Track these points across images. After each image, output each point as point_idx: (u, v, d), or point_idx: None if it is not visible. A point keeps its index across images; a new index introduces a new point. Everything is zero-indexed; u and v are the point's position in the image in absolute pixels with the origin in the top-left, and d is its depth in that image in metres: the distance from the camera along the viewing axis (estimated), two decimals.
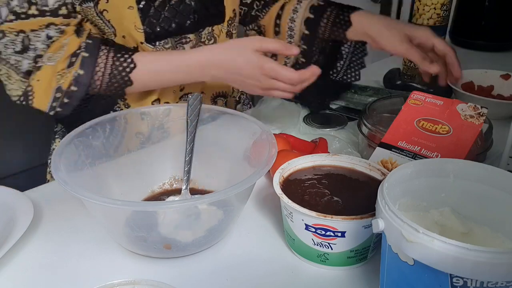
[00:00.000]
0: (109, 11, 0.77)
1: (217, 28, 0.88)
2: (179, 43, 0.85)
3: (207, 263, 0.58)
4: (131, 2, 0.76)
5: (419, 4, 1.02)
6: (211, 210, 0.59)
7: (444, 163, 0.52)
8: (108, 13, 0.77)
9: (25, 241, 0.61)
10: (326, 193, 0.58)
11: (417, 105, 0.65)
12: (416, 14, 1.03)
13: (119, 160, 0.67)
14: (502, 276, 0.38)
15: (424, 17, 1.02)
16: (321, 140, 0.77)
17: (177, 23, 0.82)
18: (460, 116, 0.63)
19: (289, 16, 0.93)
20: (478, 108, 0.65)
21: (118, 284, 0.46)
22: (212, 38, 0.89)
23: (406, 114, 0.66)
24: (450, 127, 0.64)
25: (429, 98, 0.66)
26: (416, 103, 0.66)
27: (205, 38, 0.87)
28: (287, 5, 0.95)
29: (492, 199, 0.49)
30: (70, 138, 0.62)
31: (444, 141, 0.64)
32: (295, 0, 0.94)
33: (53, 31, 0.73)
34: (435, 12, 1.01)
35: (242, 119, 0.68)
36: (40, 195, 0.69)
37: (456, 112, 0.64)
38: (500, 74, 1.03)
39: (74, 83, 0.72)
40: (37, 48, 0.72)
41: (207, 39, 0.88)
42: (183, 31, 0.83)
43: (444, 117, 0.63)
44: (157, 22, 0.79)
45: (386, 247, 0.45)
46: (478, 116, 0.64)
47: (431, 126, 0.65)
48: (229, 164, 0.68)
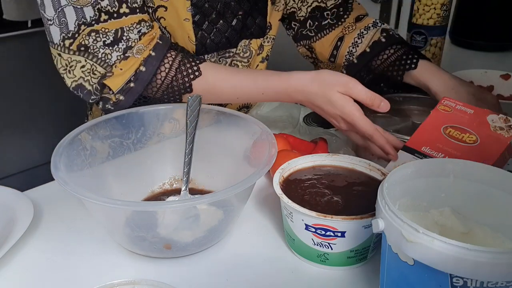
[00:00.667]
0: (166, 19, 0.78)
1: (254, 42, 0.89)
2: (222, 57, 0.86)
3: (207, 263, 0.58)
4: (187, 15, 0.78)
5: (419, 4, 1.02)
6: (211, 210, 0.59)
7: (444, 163, 0.52)
8: (165, 21, 0.78)
9: (25, 241, 0.61)
10: (326, 193, 0.58)
11: (446, 112, 0.64)
12: (416, 14, 1.04)
13: (119, 160, 0.67)
14: (502, 276, 0.38)
15: (424, 17, 1.02)
16: (321, 140, 0.77)
17: (227, 37, 0.83)
18: (489, 127, 0.61)
19: (348, 50, 0.91)
20: (509, 120, 0.62)
21: (118, 284, 0.46)
22: (248, 51, 0.90)
23: (434, 119, 0.64)
24: (477, 137, 0.62)
25: (460, 106, 0.64)
26: (446, 110, 0.64)
27: (240, 50, 0.88)
28: (346, 37, 0.91)
29: (492, 199, 0.49)
30: (70, 137, 0.62)
31: (469, 151, 0.61)
32: (355, 33, 0.90)
33: (144, 27, 0.73)
34: (435, 12, 1.01)
35: (242, 119, 0.68)
36: (40, 195, 0.69)
37: (486, 122, 0.62)
38: (500, 74, 1.03)
39: (144, 62, 0.72)
40: (130, 39, 0.71)
41: (243, 51, 0.88)
42: (230, 45, 0.85)
43: (473, 126, 0.61)
44: (209, 36, 0.81)
45: (386, 247, 0.45)
46: (508, 129, 0.61)
47: (458, 134, 0.63)
48: (229, 164, 0.68)
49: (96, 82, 0.71)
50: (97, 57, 0.70)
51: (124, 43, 0.71)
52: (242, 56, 0.89)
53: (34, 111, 1.87)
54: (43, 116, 1.89)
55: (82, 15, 0.68)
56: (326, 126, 0.89)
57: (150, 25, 0.74)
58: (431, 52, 1.05)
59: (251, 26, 0.87)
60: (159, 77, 0.73)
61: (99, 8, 0.69)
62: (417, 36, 1.05)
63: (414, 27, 1.04)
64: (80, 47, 0.70)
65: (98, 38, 0.70)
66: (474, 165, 0.51)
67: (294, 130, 0.87)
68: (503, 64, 1.14)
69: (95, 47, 0.70)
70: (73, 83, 0.72)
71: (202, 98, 0.68)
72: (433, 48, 1.04)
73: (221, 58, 0.86)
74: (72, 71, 0.71)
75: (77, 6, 0.68)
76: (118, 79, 0.71)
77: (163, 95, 0.75)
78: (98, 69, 0.71)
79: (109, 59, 0.70)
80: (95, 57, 0.70)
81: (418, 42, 1.05)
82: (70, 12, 0.68)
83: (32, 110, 1.87)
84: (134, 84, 0.72)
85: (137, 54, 0.72)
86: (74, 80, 0.72)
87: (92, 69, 0.71)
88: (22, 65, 1.79)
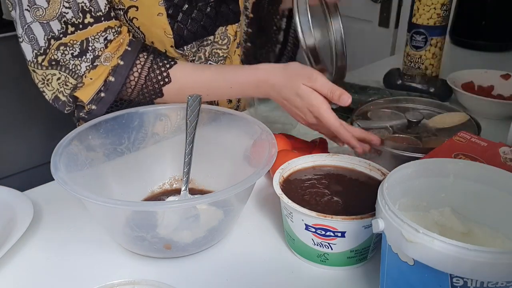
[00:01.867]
0: (138, 19, 0.78)
1: (231, 28, 0.90)
2: (201, 46, 0.86)
3: (207, 263, 0.58)
4: (160, 9, 0.77)
5: (419, 4, 1.02)
6: (211, 210, 0.59)
7: (444, 163, 0.52)
8: (138, 21, 0.78)
9: (25, 241, 0.61)
10: (326, 193, 0.58)
11: (461, 142, 0.65)
12: (416, 14, 1.04)
13: (119, 160, 0.67)
14: (502, 276, 0.38)
15: (424, 17, 1.02)
16: (321, 140, 0.77)
17: (203, 25, 0.83)
18: (500, 158, 0.61)
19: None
20: None
21: (118, 284, 0.46)
22: (225, 37, 0.90)
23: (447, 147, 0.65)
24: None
25: (475, 139, 0.65)
26: (460, 140, 0.65)
27: (218, 38, 0.88)
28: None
29: (492, 199, 0.49)
30: (70, 138, 0.62)
31: None
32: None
33: (111, 34, 0.73)
34: (435, 12, 1.01)
35: (242, 119, 0.68)
36: (40, 195, 0.69)
37: (498, 153, 0.62)
38: (500, 74, 1.03)
39: (104, 89, 0.73)
40: (96, 49, 0.72)
41: (221, 38, 0.89)
42: (207, 33, 0.85)
43: (485, 156, 0.61)
44: (185, 27, 0.81)
45: (386, 247, 0.45)
46: None
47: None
48: (229, 164, 0.68)
49: (68, 94, 0.73)
50: (69, 69, 0.72)
51: (91, 53, 0.72)
52: (221, 43, 0.90)
53: (34, 111, 1.87)
54: (43, 116, 1.89)
55: (50, 29, 0.69)
56: None
57: (117, 31, 0.74)
58: (431, 52, 1.05)
59: (225, 13, 0.88)
60: (129, 85, 0.75)
61: (65, 20, 0.69)
62: (417, 36, 1.05)
63: (414, 27, 1.04)
64: (51, 62, 0.71)
65: (66, 51, 0.71)
66: (474, 165, 0.51)
67: (294, 130, 0.87)
68: (503, 64, 1.14)
69: (65, 59, 0.71)
70: (52, 95, 0.74)
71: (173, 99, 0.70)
72: (433, 48, 1.04)
73: (200, 47, 0.86)
74: (50, 84, 0.73)
75: (43, 22, 0.69)
76: (88, 89, 0.73)
77: (136, 98, 0.76)
78: (70, 80, 0.72)
79: (79, 70, 0.72)
80: (67, 69, 0.72)
81: (418, 42, 1.05)
82: (37, 28, 0.69)
83: (32, 110, 1.87)
84: (105, 94, 0.73)
85: (105, 62, 0.72)
86: (52, 93, 0.74)
87: (65, 80, 0.72)
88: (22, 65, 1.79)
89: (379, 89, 1.04)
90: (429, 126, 0.80)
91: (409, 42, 1.06)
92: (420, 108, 0.86)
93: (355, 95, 1.00)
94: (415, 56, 1.06)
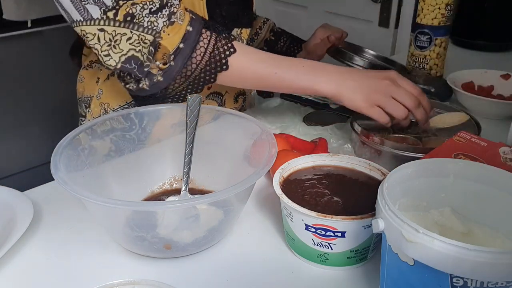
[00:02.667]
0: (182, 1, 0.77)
1: (245, 31, 0.91)
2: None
3: (207, 263, 0.58)
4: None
5: (423, 4, 1.02)
6: (211, 210, 0.59)
7: (444, 163, 0.52)
8: (182, 2, 0.77)
9: (25, 241, 0.61)
10: (326, 193, 0.58)
11: (461, 142, 0.65)
12: (421, 14, 1.03)
13: (119, 160, 0.67)
14: (502, 276, 0.38)
15: (429, 17, 1.02)
16: (321, 140, 0.77)
17: (237, 13, 0.85)
18: (500, 158, 0.61)
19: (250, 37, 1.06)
20: None
21: (118, 284, 0.46)
22: (239, 40, 0.90)
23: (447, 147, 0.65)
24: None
25: (475, 139, 0.65)
26: (460, 140, 0.65)
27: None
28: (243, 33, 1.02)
29: (492, 199, 0.49)
30: (70, 137, 0.62)
31: None
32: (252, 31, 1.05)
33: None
34: (440, 12, 1.01)
35: (242, 119, 0.68)
36: (40, 195, 0.69)
37: (498, 153, 0.62)
38: (500, 74, 1.03)
39: (183, 39, 0.71)
40: (173, 4, 0.71)
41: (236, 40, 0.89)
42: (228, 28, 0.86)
43: (484, 156, 0.61)
44: (217, 17, 0.82)
45: (386, 247, 0.45)
46: None
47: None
48: (229, 164, 0.68)
49: (147, 52, 0.70)
50: (143, 27, 0.69)
51: (168, 9, 0.71)
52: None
53: (34, 111, 1.88)
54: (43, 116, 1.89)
55: None
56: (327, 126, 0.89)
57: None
58: (436, 52, 1.04)
59: (242, 16, 0.89)
60: (198, 52, 0.72)
61: None
62: (422, 36, 1.05)
63: (419, 27, 1.04)
64: (126, 17, 0.68)
65: (146, 6, 0.69)
66: (474, 165, 0.51)
67: (294, 130, 0.87)
68: (503, 64, 1.13)
69: (140, 15, 0.69)
70: (122, 57, 0.70)
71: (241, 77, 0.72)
72: (437, 48, 1.04)
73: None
74: (118, 46, 0.70)
75: None
76: (171, 40, 0.71)
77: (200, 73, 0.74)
78: (147, 37, 0.70)
79: (156, 25, 0.70)
80: (141, 27, 0.69)
81: (423, 42, 1.05)
82: None
83: (32, 110, 1.87)
84: (184, 46, 0.71)
85: (180, 20, 0.72)
86: (122, 54, 0.70)
87: (141, 39, 0.70)
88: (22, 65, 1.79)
89: None
90: (429, 126, 0.80)
91: (414, 42, 1.06)
92: None
93: None
94: (420, 56, 1.06)
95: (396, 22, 1.90)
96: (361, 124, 0.78)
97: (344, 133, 0.86)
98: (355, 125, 0.78)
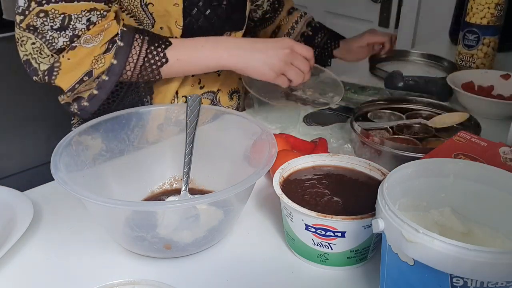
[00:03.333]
0: (154, 5, 0.78)
1: (235, 35, 0.91)
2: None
3: (207, 263, 0.58)
4: (177, 0, 0.78)
5: (473, 3, 1.02)
6: (211, 210, 0.59)
7: (444, 163, 0.52)
8: (153, 7, 0.78)
9: (25, 241, 0.61)
10: (326, 193, 0.58)
11: (461, 142, 0.65)
12: (470, 13, 1.03)
13: (119, 160, 0.67)
14: (502, 276, 0.38)
15: (478, 16, 1.02)
16: (321, 140, 0.77)
17: (212, 24, 0.85)
18: (500, 158, 0.61)
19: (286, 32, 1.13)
20: None
21: (118, 284, 0.46)
22: None
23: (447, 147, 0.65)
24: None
25: (475, 139, 0.65)
26: (460, 140, 0.65)
27: None
28: (282, 27, 1.13)
29: (492, 199, 0.49)
30: (70, 137, 0.62)
31: None
32: (288, 25, 1.12)
33: (95, 16, 0.73)
34: (489, 12, 1.01)
35: (242, 119, 0.68)
36: (40, 195, 0.69)
37: (498, 153, 0.62)
38: (500, 74, 1.03)
39: (107, 72, 0.73)
40: (76, 28, 0.72)
41: None
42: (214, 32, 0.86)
43: (484, 156, 0.61)
44: (196, 22, 0.82)
45: (386, 247, 0.45)
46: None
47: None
48: (229, 164, 0.68)
49: (39, 64, 0.73)
50: (45, 38, 0.72)
51: (71, 31, 0.72)
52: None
53: (34, 111, 1.87)
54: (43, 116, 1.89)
55: None
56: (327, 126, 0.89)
57: (102, 14, 0.74)
58: (483, 52, 1.04)
59: (234, 19, 0.89)
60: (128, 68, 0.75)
61: None
62: (470, 35, 1.04)
63: (467, 25, 1.04)
64: (29, 27, 0.71)
65: (46, 22, 0.70)
66: (474, 165, 0.51)
67: (294, 130, 0.87)
68: (503, 64, 1.13)
69: (43, 29, 0.71)
70: (24, 57, 0.74)
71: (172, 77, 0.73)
72: (485, 47, 1.04)
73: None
74: (24, 45, 0.73)
75: None
76: (67, 76, 0.73)
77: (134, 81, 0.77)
78: (45, 50, 0.72)
79: (55, 43, 0.72)
80: (43, 38, 0.72)
81: (470, 41, 1.05)
82: None
83: (32, 110, 1.87)
84: (98, 92, 0.75)
85: (85, 43, 0.72)
86: (25, 54, 0.74)
87: (40, 48, 0.72)
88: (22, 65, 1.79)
89: (379, 89, 1.04)
90: (429, 126, 0.80)
91: (462, 41, 1.06)
92: (420, 109, 0.86)
93: (355, 95, 1.00)
94: (467, 55, 1.06)
95: (396, 22, 1.90)
96: (361, 124, 0.78)
97: (344, 133, 0.86)
98: (355, 125, 0.78)
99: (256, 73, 0.79)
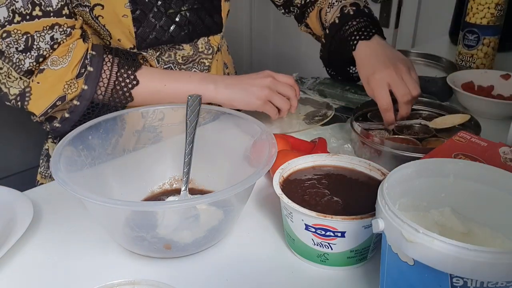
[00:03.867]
0: (104, 17, 0.78)
1: (213, 39, 0.90)
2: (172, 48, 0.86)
3: (207, 263, 0.58)
4: (125, 11, 0.77)
5: (473, 3, 1.02)
6: (211, 210, 0.59)
7: (444, 163, 0.52)
8: (104, 19, 0.78)
9: (25, 241, 0.61)
10: (326, 193, 0.58)
11: (461, 142, 0.65)
12: (470, 12, 1.03)
13: (119, 160, 0.67)
14: (502, 276, 0.38)
15: (478, 16, 1.02)
16: (321, 140, 0.77)
17: (171, 33, 0.83)
18: (500, 158, 0.61)
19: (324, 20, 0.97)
20: None
21: (118, 284, 0.46)
22: (210, 48, 0.91)
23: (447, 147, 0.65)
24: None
25: (475, 139, 0.65)
26: (460, 140, 0.65)
27: (202, 48, 0.89)
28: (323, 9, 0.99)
29: (492, 199, 0.49)
30: (70, 138, 0.62)
31: None
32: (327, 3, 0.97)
33: (58, 33, 0.73)
34: (489, 12, 1.01)
35: (242, 119, 0.68)
36: (40, 195, 0.69)
37: (498, 154, 0.62)
38: (500, 74, 1.02)
39: (78, 97, 0.74)
40: (40, 48, 0.72)
41: (206, 48, 0.90)
42: (178, 41, 0.85)
43: (484, 156, 0.61)
44: (150, 32, 0.81)
45: (386, 247, 0.45)
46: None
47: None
48: (229, 164, 0.68)
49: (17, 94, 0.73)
50: (12, 61, 0.72)
51: (36, 51, 0.72)
52: (207, 53, 0.90)
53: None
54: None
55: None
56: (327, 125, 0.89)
57: (65, 31, 0.73)
58: (483, 52, 1.04)
59: (208, 23, 0.88)
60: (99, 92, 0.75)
61: (13, 9, 0.69)
62: (470, 35, 1.04)
63: (467, 25, 1.04)
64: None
65: (11, 45, 0.70)
66: (474, 165, 0.51)
67: (294, 130, 0.87)
68: (503, 64, 1.13)
69: (9, 52, 0.71)
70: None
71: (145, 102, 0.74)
72: (485, 47, 1.04)
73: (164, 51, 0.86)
74: None
75: None
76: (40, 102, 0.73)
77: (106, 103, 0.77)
78: (12, 73, 0.72)
79: (22, 65, 0.72)
80: (10, 61, 0.72)
81: (470, 41, 1.04)
82: None
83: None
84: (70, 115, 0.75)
85: (53, 66, 0.72)
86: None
87: (7, 72, 0.72)
88: None
89: None
90: (429, 127, 0.80)
91: (462, 41, 1.06)
92: (420, 109, 0.86)
93: (355, 95, 1.00)
94: (467, 55, 1.06)
95: (396, 22, 1.90)
96: (361, 124, 0.78)
97: (344, 133, 0.86)
98: (355, 125, 0.78)
99: (243, 103, 0.80)
